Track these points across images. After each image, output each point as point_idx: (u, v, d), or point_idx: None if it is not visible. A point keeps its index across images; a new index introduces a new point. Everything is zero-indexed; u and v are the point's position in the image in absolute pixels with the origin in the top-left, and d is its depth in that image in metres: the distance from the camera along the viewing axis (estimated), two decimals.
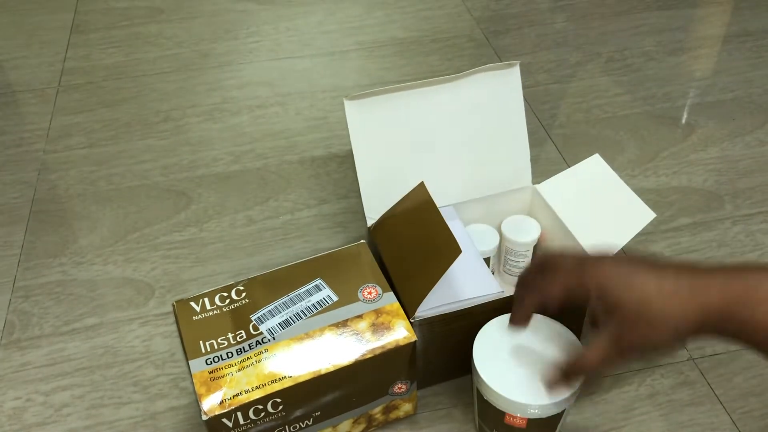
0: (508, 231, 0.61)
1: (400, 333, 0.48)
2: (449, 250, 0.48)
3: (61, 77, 0.93)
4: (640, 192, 0.75)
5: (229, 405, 0.45)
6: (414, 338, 0.48)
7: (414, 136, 0.60)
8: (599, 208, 0.59)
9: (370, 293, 0.51)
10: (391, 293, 0.51)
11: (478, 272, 0.55)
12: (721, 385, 0.58)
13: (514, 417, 0.48)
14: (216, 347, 0.48)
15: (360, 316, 0.49)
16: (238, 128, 0.84)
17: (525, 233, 0.61)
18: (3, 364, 0.61)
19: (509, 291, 0.53)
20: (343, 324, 0.49)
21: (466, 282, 0.54)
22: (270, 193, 0.76)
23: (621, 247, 0.55)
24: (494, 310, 0.52)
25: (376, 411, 0.53)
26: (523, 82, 0.61)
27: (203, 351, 0.48)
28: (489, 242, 0.61)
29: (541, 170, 0.76)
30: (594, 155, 0.62)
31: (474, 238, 0.60)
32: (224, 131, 0.84)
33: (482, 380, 0.48)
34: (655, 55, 0.94)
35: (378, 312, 0.49)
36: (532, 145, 0.64)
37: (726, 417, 0.56)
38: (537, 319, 0.51)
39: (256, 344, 0.48)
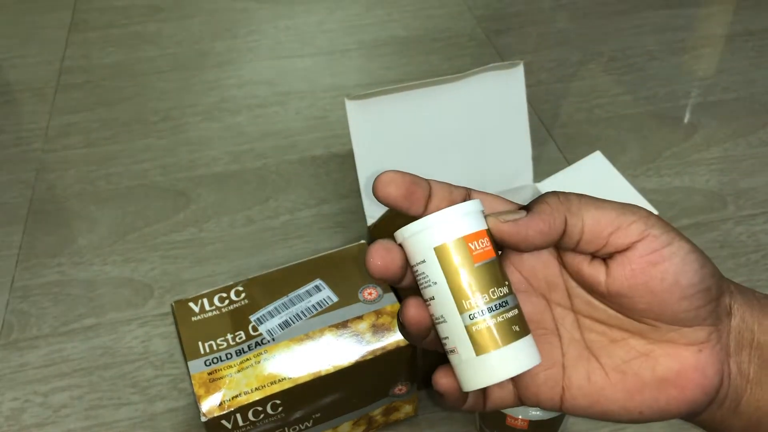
0: None
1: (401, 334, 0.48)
2: None
3: (59, 76, 0.93)
4: (642, 192, 0.74)
5: (229, 406, 0.44)
6: None
7: (415, 135, 0.59)
8: None
9: (370, 294, 0.50)
10: (392, 294, 0.50)
11: None
12: None
13: (515, 419, 0.48)
14: (215, 348, 0.47)
15: (360, 317, 0.49)
16: (237, 128, 0.84)
17: None
18: (1, 364, 0.60)
19: None
20: (343, 325, 0.48)
21: None
22: (270, 192, 0.76)
23: None
24: None
25: (377, 412, 0.52)
26: (524, 82, 0.61)
27: (202, 352, 0.47)
28: None
29: (543, 170, 0.76)
30: (595, 152, 0.62)
31: None
32: (223, 131, 0.84)
33: None
34: (658, 55, 0.94)
35: (378, 313, 0.49)
36: (533, 145, 0.63)
37: None
38: None
39: (256, 345, 0.47)
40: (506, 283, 0.30)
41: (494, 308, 0.29)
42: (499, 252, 0.31)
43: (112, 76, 0.92)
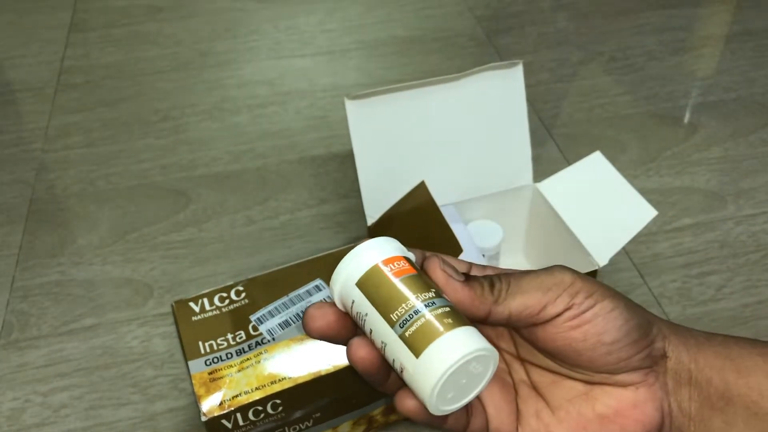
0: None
1: None
2: (450, 249, 0.48)
3: (59, 76, 0.93)
4: (643, 192, 0.74)
5: (229, 406, 0.44)
6: None
7: (415, 135, 0.59)
8: (600, 206, 0.58)
9: None
10: None
11: None
12: None
13: None
14: (215, 348, 0.47)
15: None
16: (237, 127, 0.84)
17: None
18: (1, 364, 0.60)
19: None
20: None
21: None
22: (269, 192, 0.76)
23: (623, 245, 0.55)
24: None
25: (377, 412, 0.52)
26: (524, 81, 0.61)
27: (202, 352, 0.47)
28: (493, 239, 0.60)
29: (543, 170, 0.76)
30: (595, 152, 0.62)
31: (478, 235, 0.60)
32: (223, 130, 0.84)
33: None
34: (658, 55, 0.94)
35: None
36: (533, 145, 0.63)
37: None
38: None
39: (256, 345, 0.47)
40: (433, 290, 0.30)
41: (422, 308, 0.29)
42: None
43: (112, 76, 0.92)
